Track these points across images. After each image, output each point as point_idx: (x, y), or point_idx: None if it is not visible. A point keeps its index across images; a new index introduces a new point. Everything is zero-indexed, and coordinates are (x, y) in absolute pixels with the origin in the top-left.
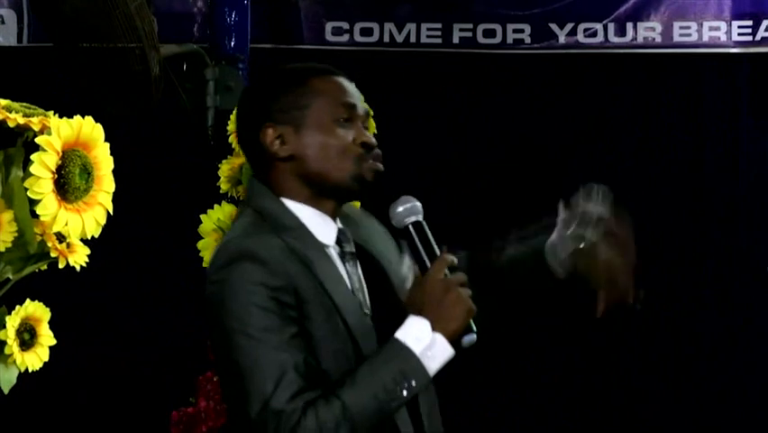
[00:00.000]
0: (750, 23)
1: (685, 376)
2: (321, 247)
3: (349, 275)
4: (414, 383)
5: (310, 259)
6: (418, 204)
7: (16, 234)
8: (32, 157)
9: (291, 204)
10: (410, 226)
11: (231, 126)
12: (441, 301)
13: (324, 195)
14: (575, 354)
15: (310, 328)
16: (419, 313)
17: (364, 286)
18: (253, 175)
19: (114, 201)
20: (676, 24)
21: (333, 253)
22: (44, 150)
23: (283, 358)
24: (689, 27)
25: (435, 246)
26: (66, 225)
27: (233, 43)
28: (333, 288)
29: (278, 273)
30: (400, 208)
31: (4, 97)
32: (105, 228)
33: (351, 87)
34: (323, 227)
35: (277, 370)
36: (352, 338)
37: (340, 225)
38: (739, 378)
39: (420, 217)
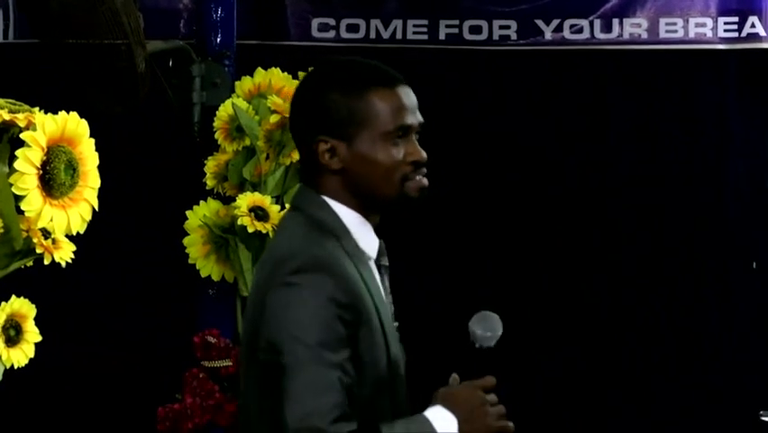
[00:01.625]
0: (736, 19)
1: (673, 371)
2: (366, 259)
3: (384, 288)
4: None
5: (362, 273)
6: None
7: (2, 231)
8: (17, 153)
9: (341, 209)
10: (482, 346)
11: (217, 123)
12: (473, 409)
13: (371, 209)
14: (567, 348)
15: (360, 351)
16: (451, 410)
17: (389, 297)
18: (301, 178)
19: (99, 197)
20: (662, 21)
21: (373, 265)
22: (29, 146)
23: (335, 378)
24: (675, 23)
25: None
26: (51, 220)
27: (219, 40)
28: (381, 308)
29: (347, 291)
30: (490, 334)
31: None
32: (90, 225)
33: (408, 99)
34: (368, 238)
35: (327, 388)
36: (391, 365)
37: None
38: (728, 373)
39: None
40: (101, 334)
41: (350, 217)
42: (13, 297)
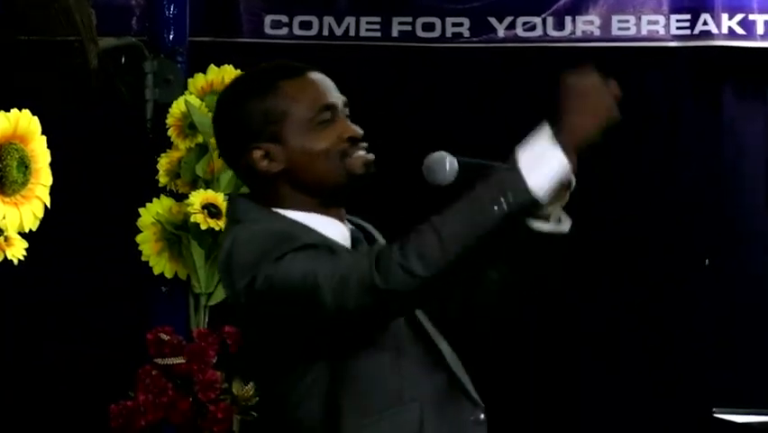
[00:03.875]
0: (688, 16)
1: (627, 368)
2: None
3: None
4: (510, 197)
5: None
6: (446, 155)
7: None
8: None
9: (300, 215)
10: (459, 169)
11: (170, 120)
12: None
13: (327, 201)
14: (522, 345)
15: None
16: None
17: None
18: (250, 194)
19: (51, 195)
20: (615, 18)
21: None
22: None
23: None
24: (627, 21)
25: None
26: (3, 218)
27: (171, 36)
28: None
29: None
30: (448, 168)
31: None
32: (42, 222)
33: (321, 81)
34: (336, 233)
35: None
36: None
37: (350, 227)
38: (682, 370)
39: (456, 162)
40: (54, 330)
41: (305, 218)
42: None
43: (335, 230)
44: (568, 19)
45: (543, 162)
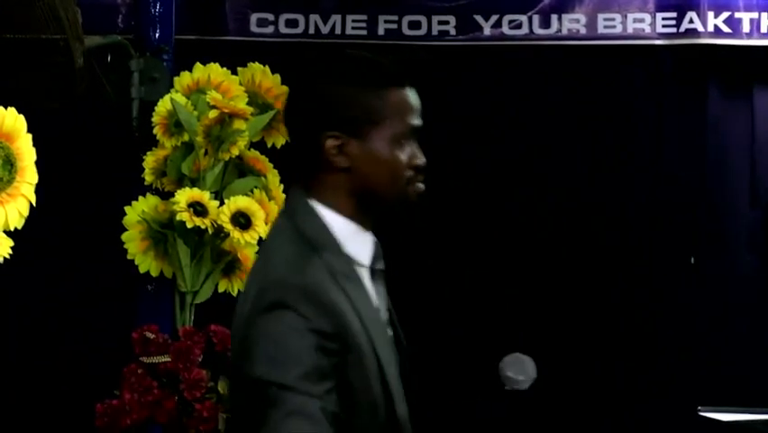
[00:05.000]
0: (674, 14)
1: (612, 368)
2: (356, 272)
3: (377, 294)
4: None
5: (350, 293)
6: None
7: None
8: None
9: (333, 217)
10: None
11: (156, 118)
12: None
13: (369, 212)
14: (505, 346)
15: (350, 378)
16: None
17: (386, 302)
18: (294, 176)
19: (37, 193)
20: (600, 16)
21: (365, 272)
22: None
23: (316, 408)
24: (613, 19)
25: None
26: None
27: (157, 35)
28: (372, 328)
29: (331, 320)
30: (522, 378)
31: None
32: (28, 220)
33: (416, 100)
34: (361, 246)
35: (307, 417)
36: (386, 387)
37: (375, 239)
38: (667, 369)
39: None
40: (39, 329)
41: (341, 226)
42: None
43: (363, 245)
44: (554, 17)
45: None
